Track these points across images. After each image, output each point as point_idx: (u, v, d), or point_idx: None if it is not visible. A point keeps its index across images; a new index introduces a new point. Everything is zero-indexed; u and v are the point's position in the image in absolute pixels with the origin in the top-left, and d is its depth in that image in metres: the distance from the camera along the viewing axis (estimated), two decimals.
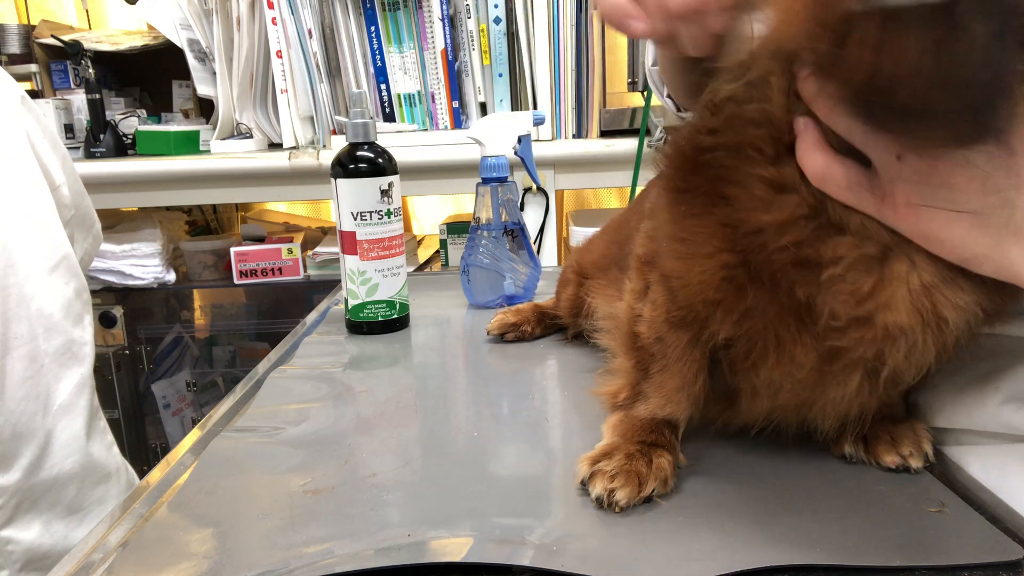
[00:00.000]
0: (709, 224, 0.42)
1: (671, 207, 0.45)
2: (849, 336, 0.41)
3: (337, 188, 0.84)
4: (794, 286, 0.41)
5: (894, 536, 0.42)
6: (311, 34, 1.56)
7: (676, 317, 0.49)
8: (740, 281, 0.42)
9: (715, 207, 0.42)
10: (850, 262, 0.39)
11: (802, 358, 0.43)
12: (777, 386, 0.47)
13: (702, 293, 0.44)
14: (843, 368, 0.44)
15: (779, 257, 0.40)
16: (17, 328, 0.78)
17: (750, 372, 0.47)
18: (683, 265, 0.44)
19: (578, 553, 0.41)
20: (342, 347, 0.83)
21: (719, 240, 0.42)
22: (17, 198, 0.81)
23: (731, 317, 0.44)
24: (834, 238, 0.39)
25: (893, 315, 0.40)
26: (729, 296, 0.43)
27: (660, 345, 0.51)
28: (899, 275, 0.39)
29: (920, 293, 0.39)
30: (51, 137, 0.91)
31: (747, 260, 0.41)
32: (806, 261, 0.40)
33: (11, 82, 0.88)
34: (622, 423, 0.52)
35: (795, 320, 0.42)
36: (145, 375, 1.80)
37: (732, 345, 0.46)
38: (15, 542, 0.77)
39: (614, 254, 0.71)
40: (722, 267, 0.42)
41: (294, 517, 0.46)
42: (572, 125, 1.57)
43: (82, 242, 0.99)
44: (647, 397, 0.52)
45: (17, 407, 0.76)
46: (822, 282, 0.40)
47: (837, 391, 0.46)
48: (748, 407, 0.51)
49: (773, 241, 0.40)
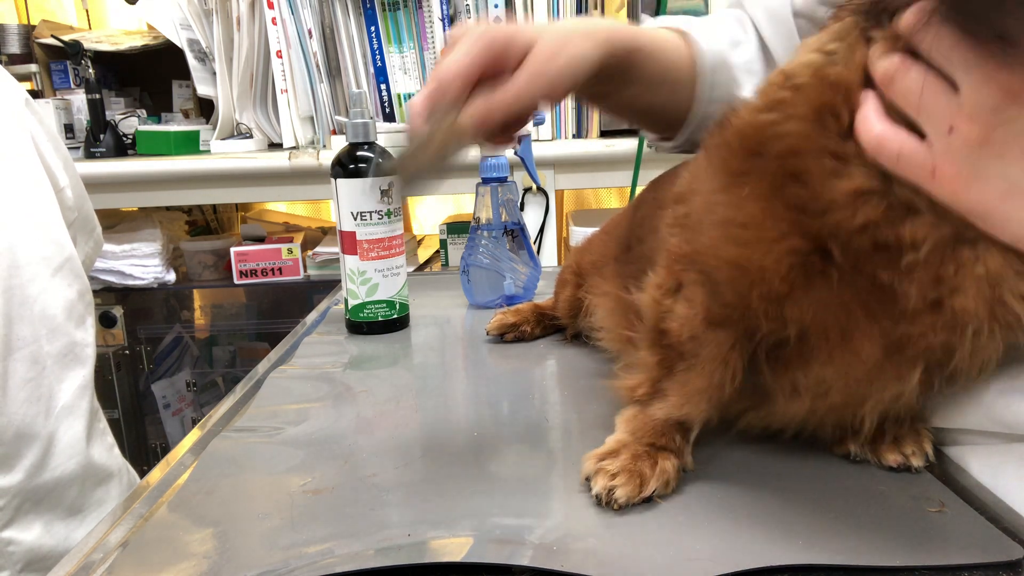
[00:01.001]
0: (776, 207, 0.41)
1: (729, 190, 0.43)
2: (921, 322, 0.40)
3: (337, 188, 0.84)
4: (877, 270, 0.39)
5: (894, 536, 0.42)
6: (311, 34, 1.56)
7: (718, 316, 0.46)
8: (813, 269, 0.40)
9: (784, 188, 0.40)
10: (931, 246, 0.38)
11: (868, 350, 0.42)
12: (827, 384, 0.46)
13: (764, 284, 0.42)
14: (907, 360, 0.42)
15: (859, 240, 0.39)
16: (20, 330, 0.78)
17: (798, 370, 0.46)
18: (745, 252, 0.42)
19: (578, 553, 0.41)
20: (342, 347, 0.83)
21: (787, 224, 0.40)
22: (22, 200, 0.81)
23: (795, 311, 0.42)
24: (911, 219, 0.38)
25: (961, 299, 0.39)
26: (798, 287, 0.41)
27: (693, 344, 0.48)
28: (967, 261, 0.38)
29: (986, 281, 0.38)
30: (54, 139, 0.91)
31: (822, 246, 0.40)
32: (886, 245, 0.39)
33: (15, 84, 0.89)
34: (635, 419, 0.51)
35: (864, 310, 0.41)
36: (145, 375, 1.80)
37: (783, 343, 0.45)
38: (16, 543, 0.77)
39: (612, 251, 0.71)
40: (792, 252, 0.41)
41: (294, 517, 0.46)
42: (572, 125, 1.57)
43: (83, 245, 0.99)
44: (666, 395, 0.50)
45: (20, 409, 0.77)
46: (903, 266, 0.39)
47: (894, 388, 0.44)
48: (784, 408, 0.49)
49: (849, 221, 0.39)
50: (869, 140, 0.38)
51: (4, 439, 0.75)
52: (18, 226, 0.79)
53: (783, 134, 0.41)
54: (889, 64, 0.38)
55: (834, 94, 0.40)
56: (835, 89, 0.40)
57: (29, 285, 0.79)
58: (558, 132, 1.56)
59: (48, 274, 0.82)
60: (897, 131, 0.38)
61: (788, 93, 0.41)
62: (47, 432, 0.79)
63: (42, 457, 0.79)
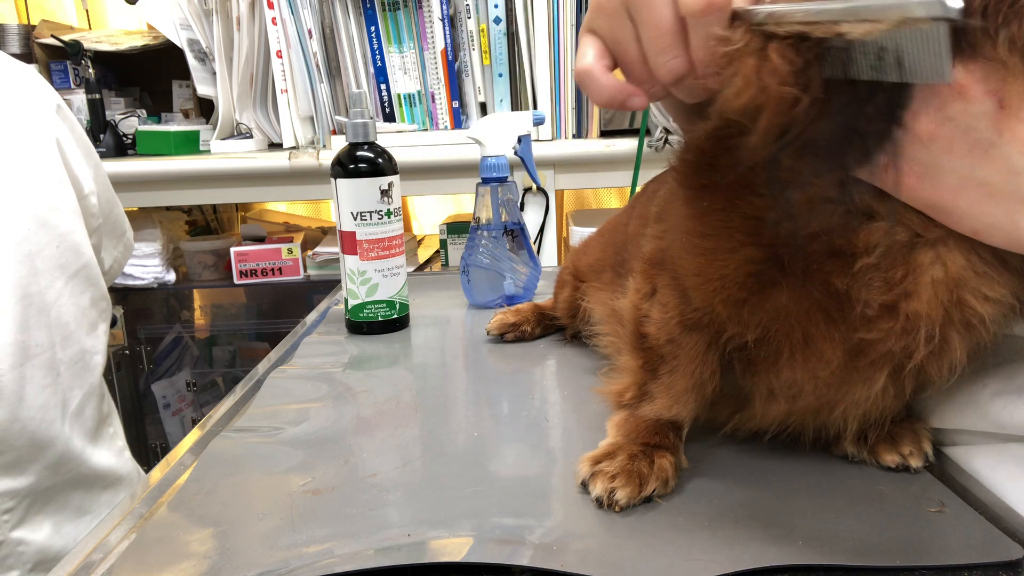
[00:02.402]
0: (733, 218, 0.42)
1: (690, 203, 0.44)
2: (878, 327, 0.40)
3: (337, 188, 0.84)
4: (830, 277, 0.40)
5: (894, 536, 0.42)
6: (311, 34, 1.56)
7: (691, 319, 0.48)
8: (768, 276, 0.41)
9: (739, 199, 0.41)
10: (883, 250, 0.39)
11: (830, 355, 0.43)
12: (798, 388, 0.46)
13: (724, 291, 0.43)
14: (870, 364, 0.43)
15: (811, 247, 0.39)
16: (38, 336, 0.78)
17: (769, 373, 0.47)
18: (704, 261, 0.44)
19: (578, 553, 0.41)
20: (342, 347, 0.83)
21: (743, 234, 0.41)
22: (42, 206, 0.81)
23: (756, 316, 0.43)
24: (866, 225, 0.39)
25: (914, 304, 0.39)
26: (755, 293, 0.42)
27: (671, 347, 0.50)
28: (923, 264, 0.39)
29: (943, 285, 0.38)
30: (84, 146, 0.92)
31: (776, 254, 0.41)
32: (839, 251, 0.39)
33: (49, 91, 0.90)
34: (626, 422, 0.52)
35: (823, 315, 0.41)
36: (145, 375, 1.80)
37: (753, 346, 0.45)
38: (26, 543, 0.77)
39: (610, 258, 0.71)
40: (748, 262, 0.41)
41: (294, 517, 0.46)
42: (572, 125, 1.57)
43: (112, 250, 1.00)
44: (653, 398, 0.51)
45: (35, 415, 0.77)
46: (855, 272, 0.39)
47: (862, 391, 0.45)
48: (763, 411, 0.50)
49: (802, 229, 0.39)
50: None
51: (18, 444, 0.75)
52: (38, 233, 0.80)
53: (736, 146, 0.41)
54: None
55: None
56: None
57: (47, 292, 0.80)
58: (558, 132, 1.56)
59: (64, 281, 0.82)
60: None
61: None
62: (60, 437, 0.80)
63: (53, 461, 0.79)
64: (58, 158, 0.85)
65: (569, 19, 1.51)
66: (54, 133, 0.86)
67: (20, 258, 0.77)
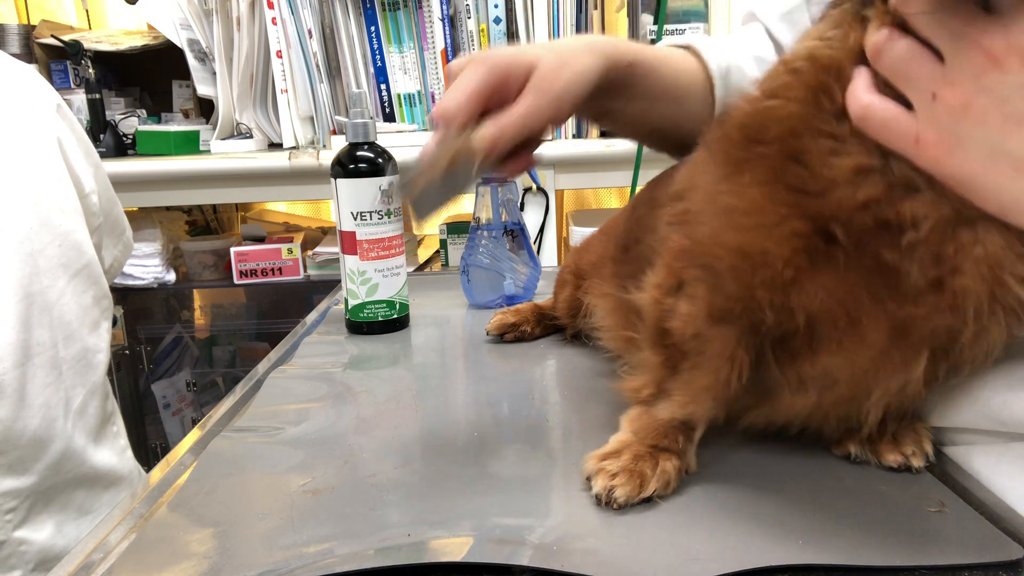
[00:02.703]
0: (777, 191, 0.41)
1: (728, 179, 0.44)
2: (924, 303, 0.40)
3: (337, 188, 0.84)
4: (880, 250, 0.39)
5: (894, 536, 0.42)
6: (311, 34, 1.56)
7: (723, 310, 0.46)
8: (816, 251, 0.40)
9: (783, 170, 0.41)
10: (931, 224, 0.38)
11: (874, 336, 0.42)
12: (834, 376, 0.46)
13: (767, 269, 0.42)
14: (912, 345, 0.42)
15: (860, 219, 0.39)
16: (40, 335, 0.78)
17: (806, 362, 0.46)
18: (747, 237, 0.42)
19: (578, 553, 0.41)
20: (342, 347, 0.83)
21: (788, 208, 0.41)
22: (43, 205, 0.81)
23: (800, 298, 0.42)
24: (911, 197, 0.38)
25: (961, 280, 0.38)
26: (802, 271, 0.41)
27: (697, 342, 0.48)
28: (967, 242, 0.38)
29: (985, 262, 0.38)
30: (85, 145, 0.92)
31: (824, 228, 0.40)
32: (887, 224, 0.39)
33: (49, 91, 0.90)
34: (639, 419, 0.51)
35: (869, 294, 0.41)
36: (145, 375, 1.80)
37: (790, 334, 0.44)
38: (28, 543, 0.77)
39: (610, 251, 0.71)
40: (794, 235, 0.41)
41: (294, 517, 0.46)
42: (572, 125, 1.57)
43: (112, 249, 1.00)
44: (670, 395, 0.50)
45: (37, 413, 0.77)
46: (904, 246, 0.39)
47: (900, 376, 0.44)
48: (790, 403, 0.49)
49: (850, 199, 0.39)
50: (856, 110, 0.39)
51: (20, 443, 0.75)
52: (39, 233, 0.80)
53: (782, 117, 0.41)
54: (878, 37, 0.39)
55: (827, 75, 0.40)
56: (827, 70, 0.41)
57: (49, 291, 0.80)
58: (558, 132, 1.56)
59: (66, 279, 0.82)
60: (883, 101, 0.38)
61: (787, 78, 0.42)
62: (62, 436, 0.80)
63: (56, 460, 0.79)
64: (59, 157, 0.86)
65: (569, 19, 1.51)
66: (55, 132, 0.86)
67: (22, 257, 0.77)
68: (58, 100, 0.90)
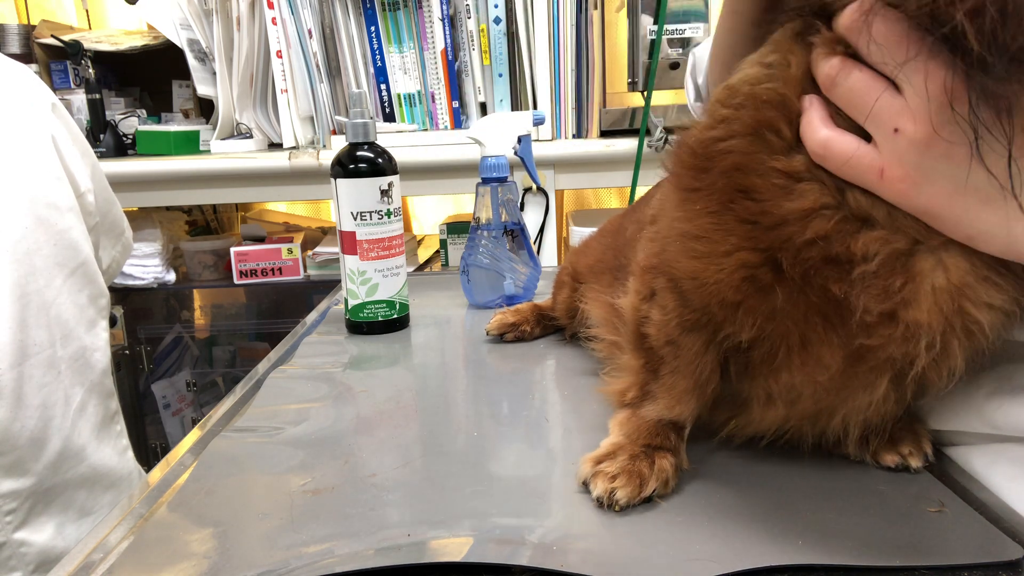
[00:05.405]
0: (727, 221, 0.41)
1: (683, 206, 0.44)
2: (878, 333, 0.40)
3: (337, 188, 0.84)
4: (827, 283, 0.39)
5: (894, 536, 0.42)
6: (311, 34, 1.56)
7: (689, 321, 0.47)
8: (763, 281, 0.41)
9: (733, 203, 0.41)
10: (882, 258, 0.38)
11: (829, 359, 0.42)
12: (797, 392, 0.46)
13: (719, 294, 0.42)
14: (871, 370, 0.42)
15: (808, 253, 0.39)
16: (37, 335, 0.78)
17: (768, 377, 0.46)
18: (699, 264, 0.43)
19: (578, 553, 0.41)
20: (342, 347, 0.83)
21: (737, 238, 0.41)
22: (39, 204, 0.81)
23: (752, 319, 0.42)
24: (864, 232, 0.38)
25: (914, 312, 0.38)
26: (750, 297, 0.42)
27: (671, 348, 0.49)
28: (923, 272, 0.38)
29: (944, 292, 0.38)
30: (81, 145, 0.92)
31: (773, 258, 0.40)
32: (837, 258, 0.39)
33: (44, 90, 0.90)
34: (629, 422, 0.52)
35: (821, 319, 0.41)
36: (145, 375, 1.80)
37: (751, 348, 0.45)
38: (28, 544, 0.77)
39: (609, 260, 0.71)
40: (742, 266, 0.41)
41: (294, 517, 0.46)
42: (572, 125, 1.57)
43: (110, 249, 1.00)
44: (656, 398, 0.51)
45: (35, 414, 0.77)
46: (854, 279, 0.39)
47: (864, 397, 0.44)
48: (761, 415, 0.50)
49: (799, 235, 0.39)
50: (815, 146, 0.38)
51: (19, 444, 0.75)
52: (35, 231, 0.80)
53: (727, 150, 0.41)
54: (830, 68, 0.38)
55: (770, 110, 0.40)
56: (770, 105, 0.40)
57: (45, 290, 0.80)
58: (558, 132, 1.56)
59: (62, 278, 0.82)
60: (841, 135, 0.38)
61: (729, 111, 0.41)
62: (60, 436, 0.80)
63: (55, 460, 0.79)
64: (55, 156, 0.85)
65: (569, 19, 1.51)
66: (50, 131, 0.86)
67: (18, 256, 0.77)
68: (53, 99, 0.89)
